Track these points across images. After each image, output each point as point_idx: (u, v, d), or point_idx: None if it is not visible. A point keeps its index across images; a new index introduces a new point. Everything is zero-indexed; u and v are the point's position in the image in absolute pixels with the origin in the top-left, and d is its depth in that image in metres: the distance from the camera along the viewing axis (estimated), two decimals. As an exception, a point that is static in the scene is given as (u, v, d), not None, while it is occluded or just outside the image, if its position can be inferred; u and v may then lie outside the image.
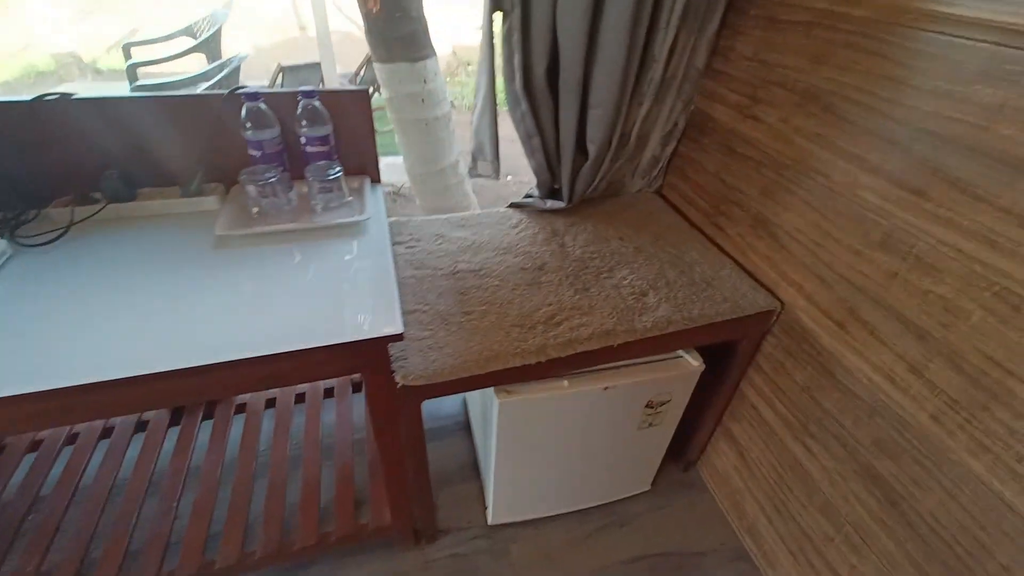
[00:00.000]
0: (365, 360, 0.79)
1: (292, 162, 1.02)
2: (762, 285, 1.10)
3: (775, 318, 1.09)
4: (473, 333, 0.92)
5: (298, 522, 1.13)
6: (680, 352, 1.09)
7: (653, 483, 1.41)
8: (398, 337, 0.75)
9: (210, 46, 2.68)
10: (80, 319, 0.73)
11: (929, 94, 0.74)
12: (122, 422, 1.33)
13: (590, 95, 1.09)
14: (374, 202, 1.06)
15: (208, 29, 2.75)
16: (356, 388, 1.47)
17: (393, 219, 1.25)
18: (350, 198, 1.01)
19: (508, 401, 0.98)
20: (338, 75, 4.35)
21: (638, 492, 1.39)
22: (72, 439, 1.29)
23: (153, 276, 0.83)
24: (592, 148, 1.16)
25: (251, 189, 0.91)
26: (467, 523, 1.31)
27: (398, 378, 0.84)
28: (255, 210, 0.94)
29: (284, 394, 1.43)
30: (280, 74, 3.47)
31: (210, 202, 0.99)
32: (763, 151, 1.07)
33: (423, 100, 2.21)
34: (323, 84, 3.16)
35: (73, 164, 0.95)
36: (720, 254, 1.19)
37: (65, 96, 0.89)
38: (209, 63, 2.75)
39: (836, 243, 0.93)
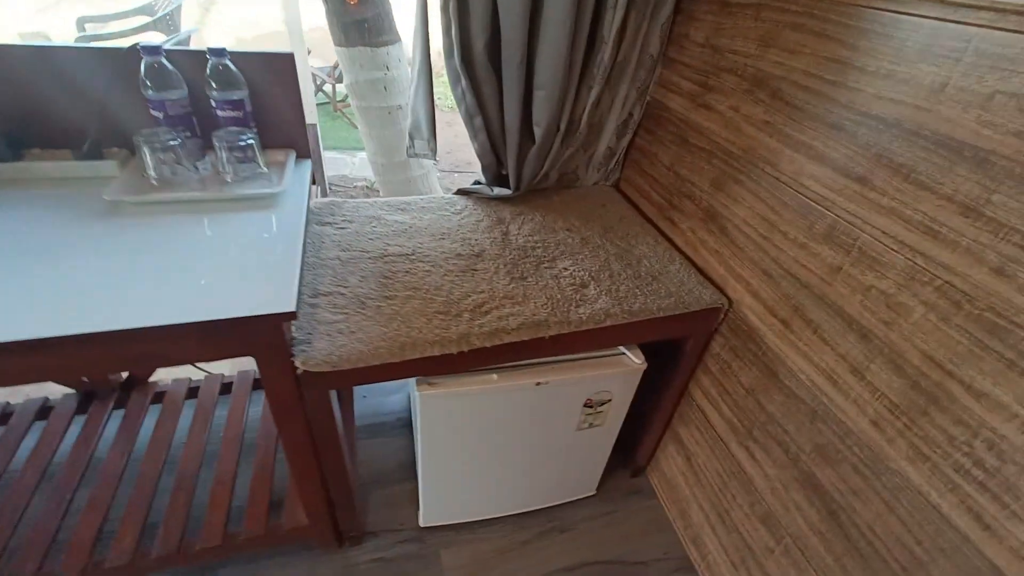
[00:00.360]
0: (256, 342, 0.71)
1: (205, 130, 0.93)
2: (711, 281, 1.05)
3: (723, 316, 1.04)
4: (391, 319, 0.85)
5: (205, 521, 1.04)
6: (621, 349, 1.03)
7: (599, 488, 1.35)
8: (291, 316, 0.67)
9: (168, 23, 2.57)
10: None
11: (873, 75, 0.70)
12: (22, 408, 1.22)
13: (535, 75, 1.03)
14: (296, 177, 0.98)
15: (166, 7, 2.63)
16: None
17: (328, 200, 1.17)
18: (265, 170, 0.93)
19: (430, 394, 0.91)
20: (313, 68, 4.24)
21: (582, 497, 1.32)
22: (-37, 426, 1.17)
23: (25, 241, 0.73)
24: (538, 132, 1.10)
25: (147, 152, 0.82)
26: (399, 525, 1.23)
27: (298, 363, 0.76)
28: (153, 176, 0.85)
29: (208, 383, 1.34)
30: None
31: (109, 167, 0.90)
32: (714, 141, 1.02)
33: (385, 88, 2.13)
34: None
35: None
36: (671, 249, 1.14)
37: (-61, 39, 0.80)
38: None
39: (783, 236, 0.87)
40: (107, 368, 0.68)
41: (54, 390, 1.27)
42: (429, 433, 0.98)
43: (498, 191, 1.24)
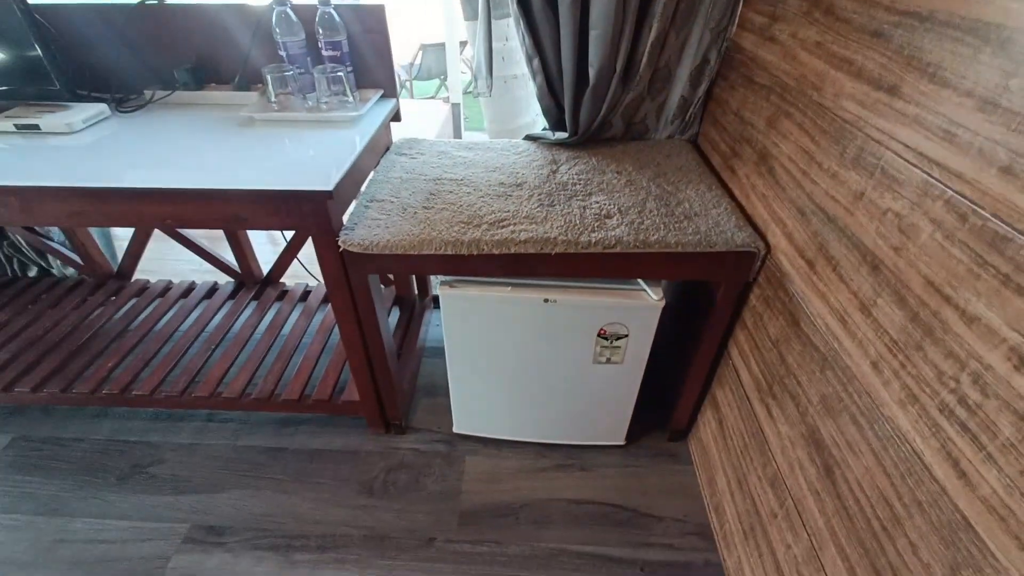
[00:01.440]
0: (307, 215, 0.91)
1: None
2: (753, 227, 0.99)
3: (760, 264, 0.97)
4: (422, 222, 0.99)
5: (290, 383, 1.33)
6: (640, 283, 1.03)
7: (632, 443, 1.34)
8: (328, 195, 0.86)
9: None
10: (132, 151, 0.98)
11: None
12: (200, 286, 1.68)
13: (589, 14, 1.07)
14: (376, 109, 1.18)
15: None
16: (394, 305, 1.63)
17: (409, 137, 1.37)
18: (352, 100, 1.14)
19: (449, 294, 1.04)
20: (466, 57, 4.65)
21: (609, 444, 1.33)
22: (164, 292, 1.66)
23: (187, 138, 1.05)
24: (592, 73, 1.13)
25: (270, 82, 1.09)
26: (437, 428, 1.40)
27: (339, 242, 0.95)
28: (274, 102, 1.12)
29: (318, 290, 1.66)
30: (420, 51, 3.93)
31: (251, 96, 1.20)
32: (774, 75, 0.95)
33: (503, 58, 2.30)
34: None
35: (163, 59, 1.23)
36: (723, 195, 1.08)
37: (160, 2, 1.16)
38: None
39: (818, 168, 0.80)
40: (210, 220, 0.92)
41: (222, 278, 1.72)
42: (452, 333, 1.11)
43: (558, 135, 1.30)
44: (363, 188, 1.13)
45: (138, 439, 1.37)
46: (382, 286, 1.70)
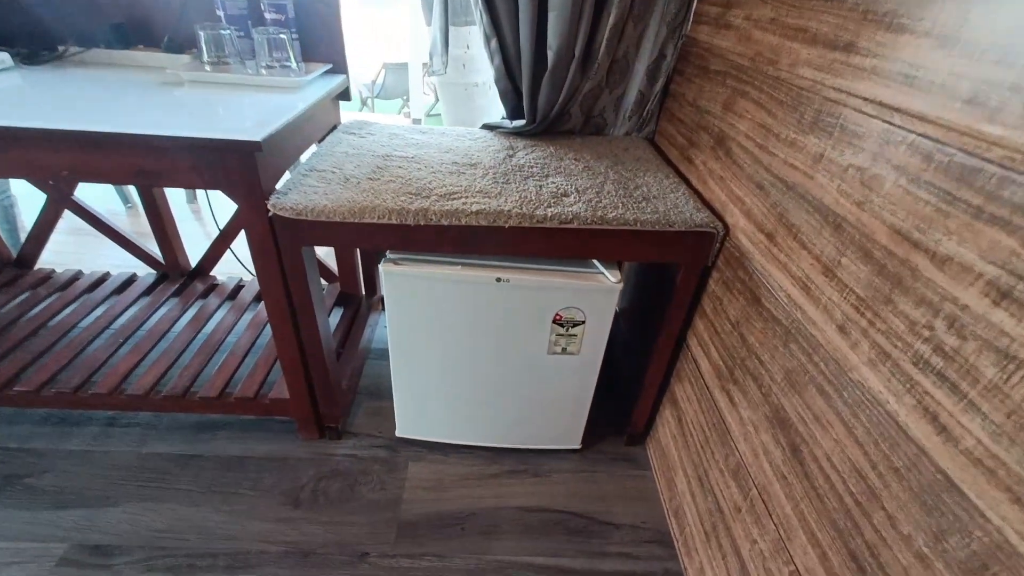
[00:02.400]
0: (231, 172, 0.81)
1: (259, 33, 1.10)
2: (711, 210, 0.96)
3: (719, 246, 0.94)
4: (365, 192, 0.91)
5: (211, 378, 1.18)
6: (596, 265, 0.98)
7: (588, 449, 1.26)
8: (256, 146, 0.77)
9: None
10: (28, 99, 0.85)
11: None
12: (115, 277, 1.50)
13: (549, -6, 1.06)
14: (323, 81, 1.11)
15: None
16: (338, 304, 1.51)
17: (361, 119, 1.29)
18: (296, 67, 1.06)
19: (393, 272, 0.95)
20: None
21: (564, 448, 1.25)
22: (70, 283, 1.47)
23: (97, 90, 0.93)
24: (551, 55, 1.11)
25: (202, 39, 1.00)
26: (379, 432, 1.27)
27: (269, 206, 0.85)
28: (206, 61, 1.03)
29: (253, 283, 1.52)
30: (383, 70, 3.91)
31: (183, 58, 1.10)
32: (729, 60, 0.95)
33: (464, 65, 2.29)
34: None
35: (88, 17, 1.11)
36: (681, 183, 1.06)
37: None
38: None
39: (776, 139, 0.78)
40: (114, 173, 0.80)
41: (143, 270, 1.54)
42: (395, 317, 1.01)
43: (516, 124, 1.26)
44: (302, 160, 1.04)
45: (19, 446, 1.17)
46: (325, 283, 1.59)
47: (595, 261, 1.00)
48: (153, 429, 1.23)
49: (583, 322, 1.00)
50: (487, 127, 1.34)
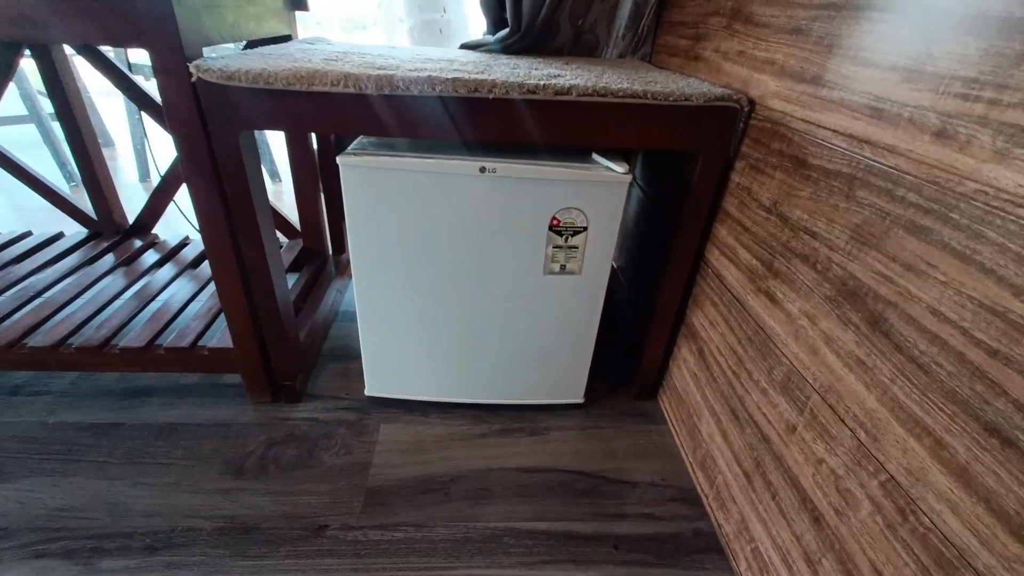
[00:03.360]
0: (139, 21, 0.64)
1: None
2: (731, 89, 0.82)
3: (743, 124, 0.79)
4: (317, 64, 0.74)
5: (137, 329, 0.97)
6: (599, 159, 0.82)
7: (592, 404, 1.08)
8: (165, -30, 0.60)
9: None
10: None
11: None
12: (39, 235, 1.29)
13: None
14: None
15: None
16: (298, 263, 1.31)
17: (327, 39, 1.14)
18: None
19: (354, 165, 0.77)
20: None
21: (565, 403, 1.06)
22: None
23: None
24: (537, -58, 0.98)
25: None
26: (345, 394, 1.07)
27: (192, 68, 0.67)
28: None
29: (196, 246, 1.32)
30: None
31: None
32: (743, -81, 0.83)
33: (440, 31, 2.17)
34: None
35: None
36: (690, 76, 0.92)
37: None
38: None
39: (814, -33, 0.64)
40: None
41: (71, 228, 1.34)
42: (358, 229, 0.83)
43: (499, 35, 1.12)
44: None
45: None
46: (284, 239, 1.40)
47: (596, 156, 0.84)
48: (66, 397, 1.01)
49: (585, 229, 0.84)
50: (466, 46, 1.20)
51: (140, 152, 2.14)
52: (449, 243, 0.84)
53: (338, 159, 0.77)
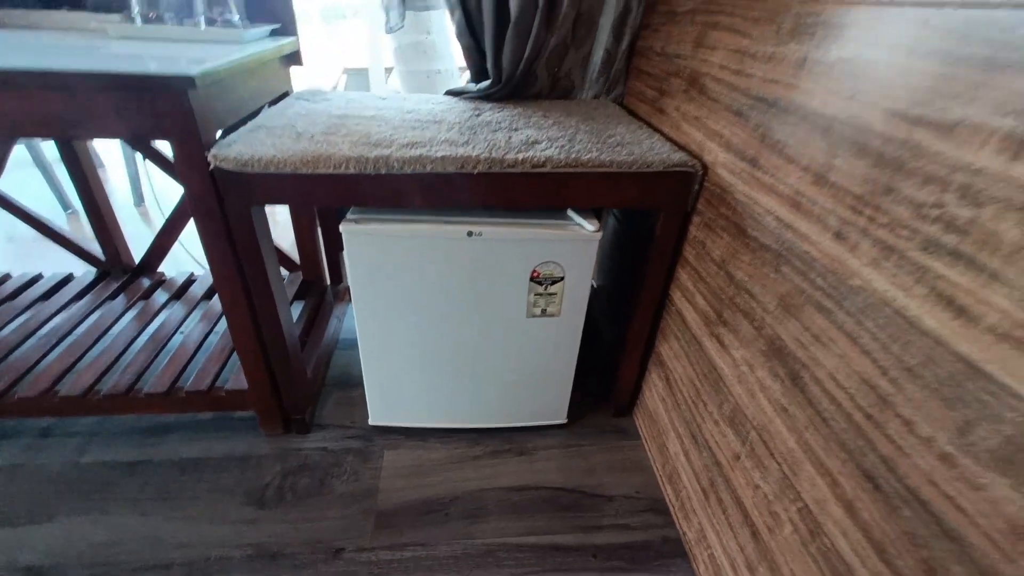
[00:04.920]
0: (163, 115, 0.72)
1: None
2: (687, 152, 0.92)
3: (699, 186, 0.90)
4: (318, 143, 0.83)
5: (159, 373, 1.06)
6: (572, 215, 0.93)
7: (574, 423, 1.20)
8: (188, 82, 0.68)
9: None
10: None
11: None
12: (45, 280, 1.36)
13: (507, -59, 1.01)
14: (270, 41, 1.03)
15: None
16: (299, 296, 1.40)
17: (320, 89, 1.22)
18: (236, 20, 0.98)
19: (355, 231, 0.87)
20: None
21: (550, 424, 1.18)
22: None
23: (8, 40, 0.83)
24: (513, 7, 1.06)
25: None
26: (351, 423, 1.17)
27: (210, 157, 0.76)
28: (137, 17, 0.94)
29: (205, 277, 1.41)
30: (344, 75, 3.81)
31: (113, 17, 1.00)
32: (696, -3, 0.92)
33: (425, 52, 2.24)
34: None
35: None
36: (653, 132, 1.02)
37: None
38: None
39: (753, 59, 0.75)
40: (25, 121, 0.69)
41: (79, 269, 1.41)
42: (360, 285, 0.93)
43: (481, 86, 1.21)
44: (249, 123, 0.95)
45: (-68, 464, 1.03)
46: (286, 272, 1.49)
47: (571, 212, 0.94)
48: (95, 437, 1.11)
49: (562, 278, 0.95)
50: (451, 93, 1.28)
51: (134, 178, 2.20)
52: (442, 294, 0.95)
53: (341, 227, 0.86)
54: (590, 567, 0.91)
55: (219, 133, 0.83)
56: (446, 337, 1.01)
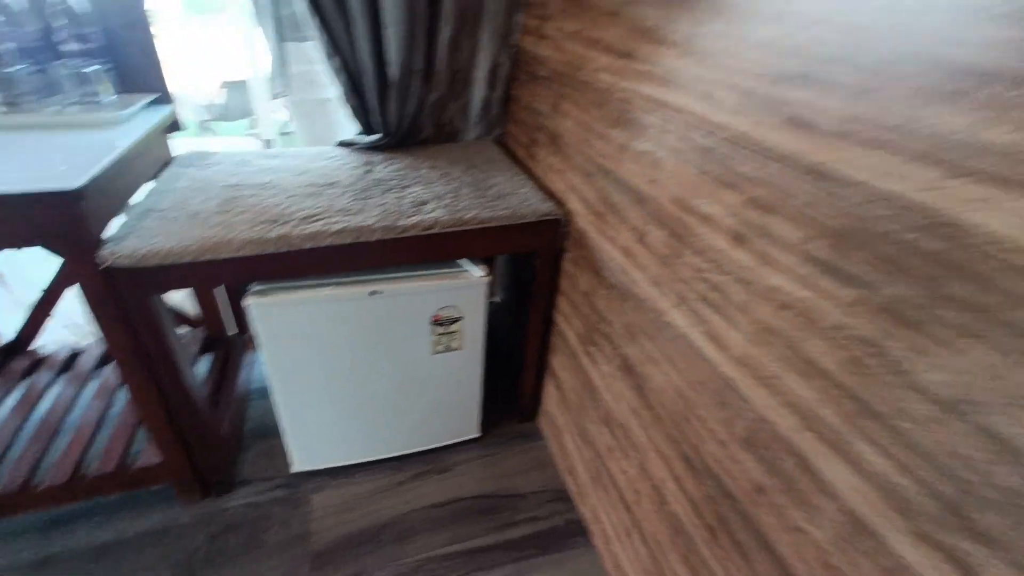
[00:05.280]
0: (48, 227, 0.74)
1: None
2: (554, 199, 1.10)
3: (565, 229, 1.08)
4: (216, 226, 0.88)
5: (57, 461, 1.03)
6: (462, 264, 1.07)
7: (487, 435, 1.35)
8: (73, 196, 0.71)
9: None
10: None
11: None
12: None
13: (382, 12, 1.10)
14: (147, 114, 1.03)
15: None
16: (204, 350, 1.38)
17: (198, 151, 1.22)
18: (109, 101, 0.98)
19: (261, 304, 0.93)
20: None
21: (465, 440, 1.32)
22: None
23: None
24: (393, 71, 1.16)
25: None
26: (273, 474, 1.22)
27: (101, 258, 0.78)
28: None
29: (89, 352, 1.34)
30: (224, 89, 3.57)
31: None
32: (550, 67, 1.10)
33: (312, 81, 2.23)
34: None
35: None
36: (528, 179, 1.19)
37: None
38: None
39: (593, 134, 0.93)
40: None
41: (-70, 354, 1.27)
42: (272, 351, 0.99)
43: (372, 138, 1.30)
44: (134, 201, 0.96)
45: None
46: (189, 328, 1.46)
47: (460, 261, 1.08)
48: (-16, 538, 1.04)
49: (461, 318, 1.08)
50: (343, 144, 1.35)
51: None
52: (352, 346, 1.04)
53: (245, 302, 0.92)
54: (507, 559, 1.07)
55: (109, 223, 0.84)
56: (360, 383, 1.10)
